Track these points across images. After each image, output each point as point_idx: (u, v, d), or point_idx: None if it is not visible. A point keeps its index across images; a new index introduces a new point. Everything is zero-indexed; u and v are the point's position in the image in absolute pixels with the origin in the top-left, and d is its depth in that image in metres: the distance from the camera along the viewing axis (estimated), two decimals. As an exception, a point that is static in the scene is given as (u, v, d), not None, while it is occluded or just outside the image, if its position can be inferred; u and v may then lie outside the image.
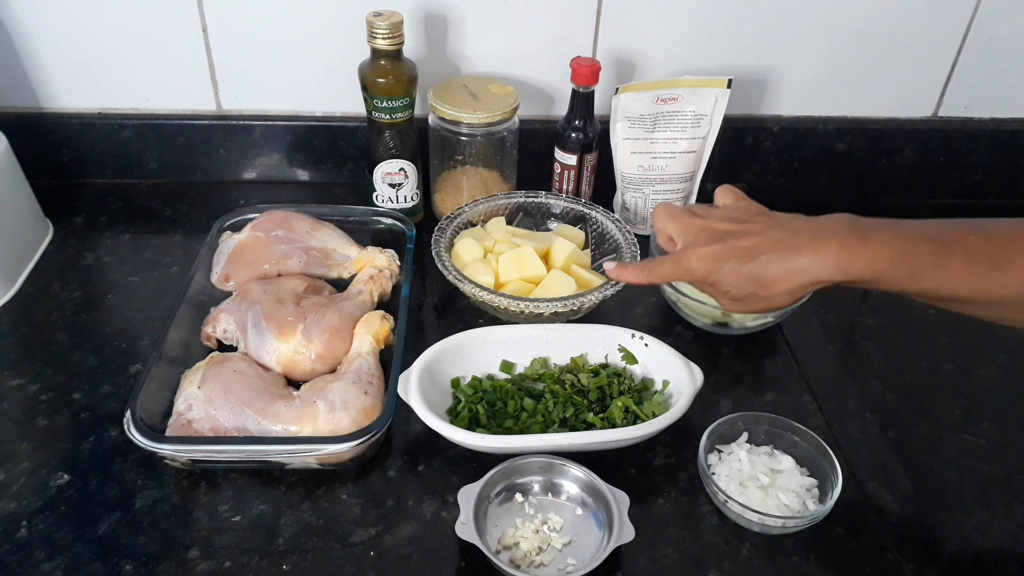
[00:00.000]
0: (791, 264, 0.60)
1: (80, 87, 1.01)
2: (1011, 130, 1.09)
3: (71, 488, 0.68)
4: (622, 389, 0.74)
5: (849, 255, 0.59)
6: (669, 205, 0.69)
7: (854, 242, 0.59)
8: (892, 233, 0.59)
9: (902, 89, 1.07)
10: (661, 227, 0.69)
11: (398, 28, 0.85)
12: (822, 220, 0.62)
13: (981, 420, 0.78)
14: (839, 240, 0.59)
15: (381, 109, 0.89)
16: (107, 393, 0.76)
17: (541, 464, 0.68)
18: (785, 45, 1.02)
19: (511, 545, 0.64)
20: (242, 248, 0.86)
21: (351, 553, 0.63)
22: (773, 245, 0.61)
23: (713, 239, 0.64)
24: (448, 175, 0.99)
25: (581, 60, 0.92)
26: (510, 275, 0.85)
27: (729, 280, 0.63)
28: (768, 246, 0.62)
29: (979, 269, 0.56)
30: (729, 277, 0.63)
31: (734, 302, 0.65)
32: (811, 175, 1.12)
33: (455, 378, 0.76)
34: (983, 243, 0.57)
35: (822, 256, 0.59)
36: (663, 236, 0.70)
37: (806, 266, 0.60)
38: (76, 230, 0.98)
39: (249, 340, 0.76)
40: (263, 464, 0.69)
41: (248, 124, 1.04)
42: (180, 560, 0.62)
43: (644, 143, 0.96)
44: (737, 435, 0.72)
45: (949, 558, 0.66)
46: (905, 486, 0.71)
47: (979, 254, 0.56)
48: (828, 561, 0.64)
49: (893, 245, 0.58)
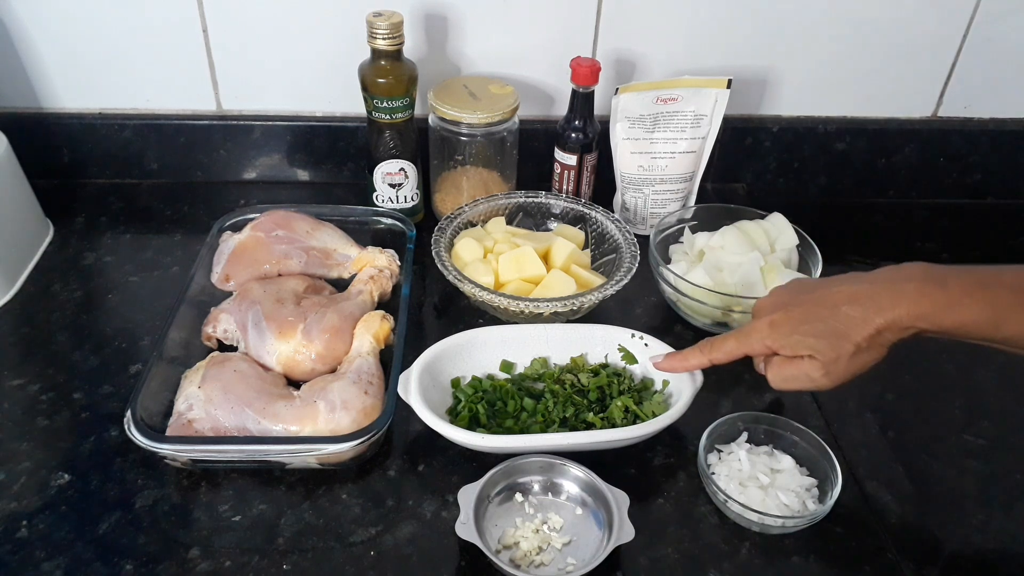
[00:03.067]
0: (874, 311, 0.58)
1: (80, 87, 1.01)
2: (1011, 130, 1.09)
3: (71, 488, 0.68)
4: (622, 389, 0.74)
5: (929, 302, 0.57)
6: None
7: (933, 288, 0.57)
8: (971, 279, 0.57)
9: (902, 89, 1.07)
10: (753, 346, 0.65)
11: (398, 28, 0.85)
12: (897, 269, 0.60)
13: (981, 420, 0.78)
14: (917, 286, 0.57)
15: (381, 109, 0.89)
16: (107, 393, 0.76)
17: (541, 464, 0.68)
18: (785, 45, 1.02)
19: (511, 545, 0.64)
20: (242, 248, 0.86)
21: (351, 553, 0.63)
22: (850, 296, 0.59)
23: (782, 304, 0.62)
24: (448, 175, 0.99)
25: (581, 60, 0.92)
26: (510, 275, 0.85)
27: (811, 342, 0.60)
28: (844, 298, 0.59)
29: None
30: (810, 338, 0.60)
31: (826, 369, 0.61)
32: (811, 175, 1.12)
33: (455, 378, 0.76)
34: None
35: (904, 302, 0.57)
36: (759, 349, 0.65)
37: (890, 313, 0.57)
38: (76, 230, 0.98)
39: (249, 340, 0.76)
40: (263, 464, 0.69)
41: (248, 124, 1.04)
42: (180, 560, 0.62)
43: (644, 143, 0.96)
44: (737, 435, 0.72)
45: (949, 558, 0.66)
46: (905, 486, 0.71)
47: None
48: (828, 561, 0.64)
49: (974, 293, 0.56)
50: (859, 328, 0.59)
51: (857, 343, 0.59)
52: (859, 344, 0.59)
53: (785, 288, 0.66)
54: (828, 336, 0.60)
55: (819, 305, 0.61)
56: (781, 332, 0.62)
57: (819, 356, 0.61)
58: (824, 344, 0.60)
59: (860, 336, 0.59)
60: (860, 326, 0.59)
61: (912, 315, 0.57)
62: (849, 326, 0.59)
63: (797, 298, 0.63)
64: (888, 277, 0.60)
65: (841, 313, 0.59)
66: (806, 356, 0.61)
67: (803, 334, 0.61)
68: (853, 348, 0.59)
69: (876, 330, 0.58)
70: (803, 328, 0.61)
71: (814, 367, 0.61)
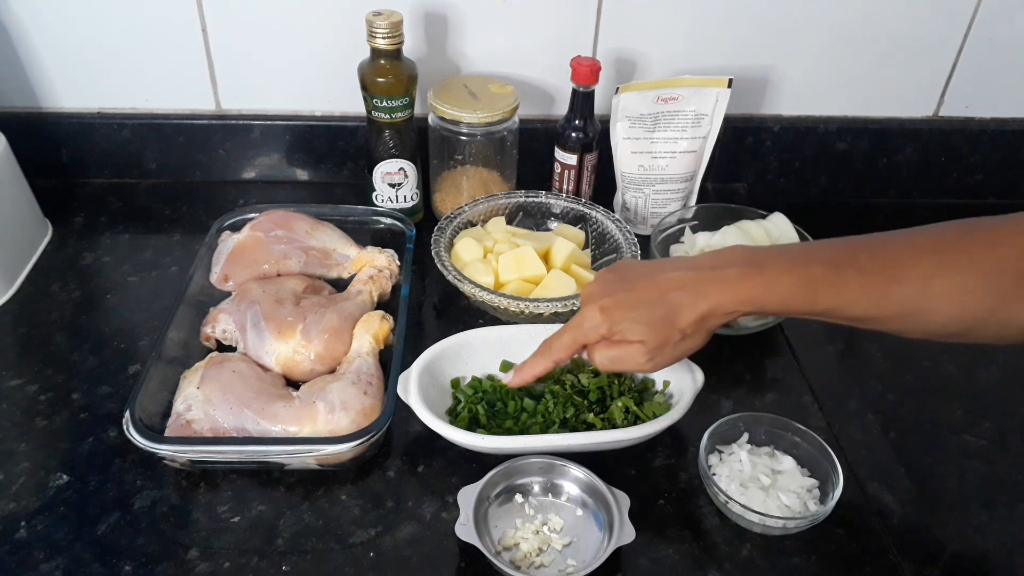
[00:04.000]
0: (700, 297, 0.60)
1: (79, 87, 1.01)
2: (1011, 130, 1.09)
3: (70, 488, 0.67)
4: (622, 389, 0.74)
5: (751, 285, 0.59)
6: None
7: (753, 272, 0.59)
8: (787, 260, 0.59)
9: (902, 89, 1.06)
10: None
11: (398, 28, 0.85)
12: (718, 254, 0.62)
13: (982, 420, 0.78)
14: (738, 271, 0.59)
15: (381, 109, 0.89)
16: (106, 393, 0.76)
17: (541, 465, 0.68)
18: (785, 45, 1.02)
19: (511, 546, 0.64)
20: (241, 248, 0.86)
21: (350, 554, 0.63)
22: (677, 283, 0.61)
23: (611, 290, 0.63)
24: (448, 175, 0.99)
25: (581, 60, 0.92)
26: (510, 275, 0.85)
27: (641, 328, 0.61)
28: (671, 284, 0.61)
29: (874, 287, 0.56)
30: (640, 325, 0.61)
31: (652, 354, 0.62)
32: (811, 175, 1.12)
33: (455, 378, 0.76)
34: (874, 261, 0.57)
35: (727, 287, 0.59)
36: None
37: (714, 298, 0.59)
38: (75, 230, 0.98)
39: (248, 340, 0.76)
40: (262, 465, 0.69)
41: (247, 124, 1.04)
42: (179, 561, 0.62)
43: (644, 143, 0.96)
44: (738, 436, 0.71)
45: (950, 558, 0.66)
46: (906, 486, 0.71)
47: (871, 272, 0.56)
48: (829, 562, 0.64)
49: (791, 272, 0.58)
50: (685, 314, 0.60)
51: (682, 329, 0.61)
52: (684, 330, 0.61)
53: (612, 272, 0.66)
54: (656, 323, 0.61)
55: (648, 291, 0.61)
56: (613, 319, 0.62)
57: (647, 342, 0.61)
58: (652, 331, 0.61)
59: (685, 322, 0.60)
60: (686, 312, 0.60)
61: (735, 300, 0.59)
62: (676, 313, 0.60)
63: (625, 283, 0.63)
64: (711, 263, 0.61)
65: (668, 299, 0.60)
66: (635, 341, 0.62)
67: (633, 320, 0.61)
68: (679, 335, 0.61)
69: (701, 316, 0.60)
70: (632, 315, 0.61)
71: (640, 351, 0.62)
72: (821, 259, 0.59)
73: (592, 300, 0.64)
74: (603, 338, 0.63)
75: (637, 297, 0.62)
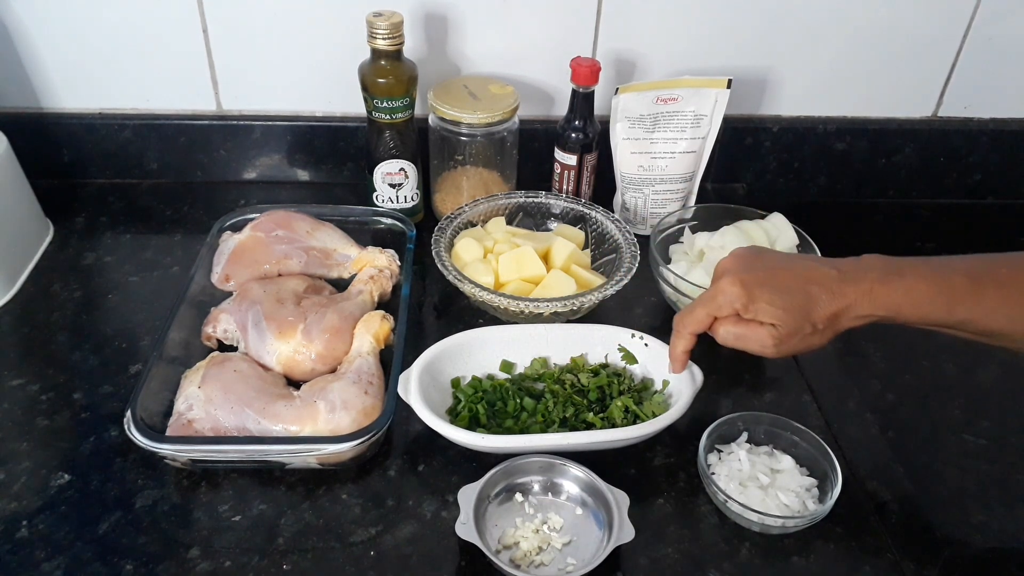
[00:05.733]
0: (838, 296, 0.60)
1: (80, 87, 1.01)
2: (1011, 130, 1.09)
3: (71, 488, 0.68)
4: (622, 389, 0.74)
5: (888, 290, 0.59)
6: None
7: (892, 277, 0.59)
8: (927, 269, 0.59)
9: (902, 89, 1.07)
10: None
11: (398, 28, 0.85)
12: (857, 260, 0.62)
13: (981, 420, 0.78)
14: (877, 276, 0.59)
15: (381, 109, 0.89)
16: (107, 393, 0.76)
17: (541, 464, 0.68)
18: (785, 45, 1.02)
19: (511, 545, 0.64)
20: (242, 248, 0.86)
21: (351, 553, 0.63)
22: (819, 277, 0.60)
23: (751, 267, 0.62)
24: (448, 175, 0.99)
25: (581, 60, 0.92)
26: (510, 275, 0.85)
27: (778, 312, 0.60)
28: (812, 276, 0.60)
29: (1012, 301, 0.56)
30: (779, 309, 0.60)
31: (780, 341, 0.61)
32: (811, 175, 1.12)
33: (455, 378, 0.76)
34: (1015, 275, 0.57)
35: (864, 291, 0.59)
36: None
37: (852, 298, 0.59)
38: (76, 230, 0.98)
39: (249, 340, 0.76)
40: (263, 464, 0.69)
41: (248, 124, 1.04)
42: (180, 560, 0.62)
43: (644, 143, 0.96)
44: (737, 435, 0.72)
45: (949, 558, 0.66)
46: (905, 486, 0.71)
47: (1011, 286, 0.57)
48: (828, 561, 0.64)
49: (930, 280, 0.58)
50: (821, 308, 0.60)
51: (814, 323, 0.60)
52: (815, 324, 0.61)
53: (749, 252, 0.65)
54: (793, 311, 0.60)
55: (788, 278, 0.61)
56: (752, 295, 0.61)
57: (780, 328, 0.61)
58: (787, 318, 0.61)
59: (819, 317, 0.60)
60: (823, 307, 0.60)
61: (873, 304, 0.59)
62: (812, 305, 0.60)
63: (764, 265, 0.63)
64: (851, 267, 0.61)
65: (808, 290, 0.60)
66: (767, 323, 0.62)
67: (770, 303, 0.61)
68: (810, 328, 0.61)
69: (835, 313, 0.60)
70: (771, 297, 0.61)
71: (770, 334, 0.62)
72: (960, 270, 0.59)
73: (730, 273, 0.63)
74: (735, 313, 0.63)
75: (778, 281, 0.61)
